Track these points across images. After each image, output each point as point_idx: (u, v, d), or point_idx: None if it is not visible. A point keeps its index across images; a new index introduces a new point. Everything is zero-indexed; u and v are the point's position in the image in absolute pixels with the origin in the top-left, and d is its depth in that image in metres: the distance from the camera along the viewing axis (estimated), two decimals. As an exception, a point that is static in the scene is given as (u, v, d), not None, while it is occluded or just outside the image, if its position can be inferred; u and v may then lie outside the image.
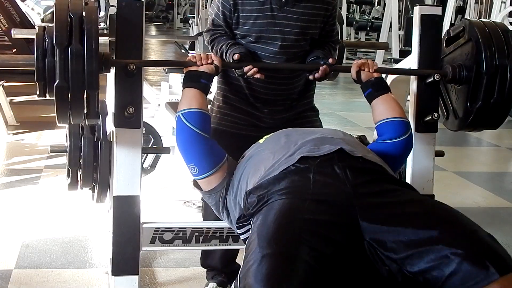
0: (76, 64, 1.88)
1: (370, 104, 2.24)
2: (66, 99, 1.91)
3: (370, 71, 2.25)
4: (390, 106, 2.19)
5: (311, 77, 2.32)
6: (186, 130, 2.05)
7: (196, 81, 2.13)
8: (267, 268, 1.49)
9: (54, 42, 1.87)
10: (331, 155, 1.84)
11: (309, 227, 1.61)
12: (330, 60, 2.30)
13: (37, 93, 1.95)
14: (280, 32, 2.31)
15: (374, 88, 2.22)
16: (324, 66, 2.28)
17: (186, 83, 2.15)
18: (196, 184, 2.14)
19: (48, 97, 1.95)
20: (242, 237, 1.89)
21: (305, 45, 2.39)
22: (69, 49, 1.87)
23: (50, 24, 1.92)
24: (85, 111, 1.97)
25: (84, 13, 1.91)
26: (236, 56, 2.25)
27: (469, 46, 2.30)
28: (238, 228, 1.88)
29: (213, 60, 2.17)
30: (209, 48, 2.45)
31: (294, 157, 1.86)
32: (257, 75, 2.25)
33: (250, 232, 1.73)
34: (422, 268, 1.57)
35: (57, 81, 1.88)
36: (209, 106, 2.26)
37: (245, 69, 2.24)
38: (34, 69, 1.92)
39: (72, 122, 2.03)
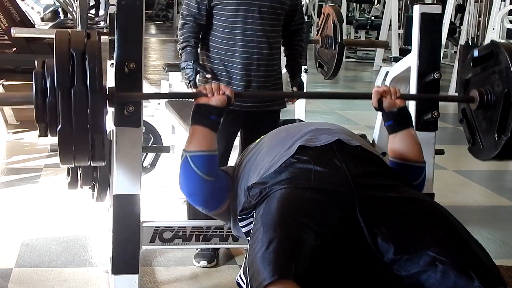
0: (80, 107, 1.74)
1: (389, 134, 2.10)
2: (70, 142, 1.78)
3: (393, 98, 2.07)
4: (410, 146, 2.06)
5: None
6: (193, 174, 1.99)
7: (205, 117, 2.01)
8: (274, 252, 1.50)
9: (55, 84, 1.72)
10: (330, 145, 1.85)
11: (312, 213, 1.62)
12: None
13: (38, 133, 1.81)
14: None
15: (396, 122, 2.07)
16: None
17: (195, 120, 2.02)
18: None
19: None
20: (244, 230, 1.87)
21: (281, 15, 2.71)
22: (72, 91, 1.72)
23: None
24: (91, 153, 1.83)
25: (86, 48, 1.77)
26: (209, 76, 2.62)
27: (497, 71, 2.07)
28: (240, 220, 1.87)
29: (224, 92, 2.02)
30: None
31: (292, 149, 1.86)
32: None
33: (253, 222, 1.73)
34: (409, 273, 1.58)
35: (60, 125, 1.74)
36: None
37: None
38: (34, 110, 1.76)
39: (75, 165, 1.89)
